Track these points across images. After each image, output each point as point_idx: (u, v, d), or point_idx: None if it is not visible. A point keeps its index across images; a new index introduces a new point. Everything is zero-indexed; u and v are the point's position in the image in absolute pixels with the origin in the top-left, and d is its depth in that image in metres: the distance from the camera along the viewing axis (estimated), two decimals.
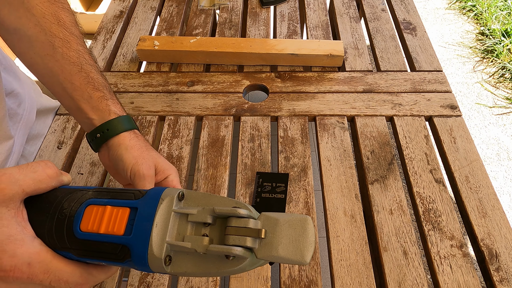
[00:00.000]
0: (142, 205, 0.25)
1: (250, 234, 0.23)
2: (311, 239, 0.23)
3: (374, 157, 0.60)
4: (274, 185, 0.30)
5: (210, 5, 0.87)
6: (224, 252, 0.23)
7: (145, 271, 0.25)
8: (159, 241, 0.23)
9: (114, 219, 0.24)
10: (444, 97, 0.68)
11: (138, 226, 0.24)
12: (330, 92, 0.69)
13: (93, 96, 0.40)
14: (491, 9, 2.05)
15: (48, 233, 0.25)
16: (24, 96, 0.57)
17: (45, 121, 0.65)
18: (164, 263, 0.23)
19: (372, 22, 0.82)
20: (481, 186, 0.56)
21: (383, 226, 0.52)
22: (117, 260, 0.25)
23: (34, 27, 0.39)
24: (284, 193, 0.30)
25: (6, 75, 0.53)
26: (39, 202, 0.26)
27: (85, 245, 0.25)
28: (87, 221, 0.25)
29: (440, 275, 0.48)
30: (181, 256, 0.24)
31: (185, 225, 0.25)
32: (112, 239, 0.24)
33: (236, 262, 0.23)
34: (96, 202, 0.26)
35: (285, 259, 0.23)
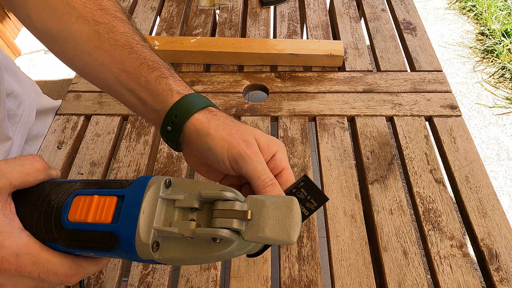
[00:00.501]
0: (129, 193, 0.25)
1: (237, 216, 0.23)
2: (297, 219, 0.24)
3: (374, 157, 0.60)
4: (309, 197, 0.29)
5: (210, 5, 0.87)
6: (210, 234, 0.22)
7: (133, 259, 0.25)
8: (146, 227, 0.23)
9: (102, 208, 0.24)
10: (444, 97, 0.68)
11: (125, 213, 0.24)
12: (330, 92, 0.69)
13: (150, 79, 0.33)
14: (491, 9, 2.05)
15: (36, 225, 0.25)
16: (24, 97, 0.56)
17: (45, 121, 0.65)
18: (151, 249, 0.23)
19: (372, 22, 0.83)
20: (481, 186, 0.56)
21: (383, 226, 0.52)
22: (105, 249, 0.24)
23: (77, 21, 0.34)
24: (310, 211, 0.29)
25: (6, 76, 0.53)
26: (27, 195, 0.26)
27: (73, 235, 0.25)
28: (75, 211, 0.25)
29: (440, 275, 0.48)
30: (169, 242, 0.24)
31: (172, 211, 0.24)
32: (99, 227, 0.24)
33: (223, 245, 0.23)
34: (84, 192, 0.26)
35: (272, 239, 0.23)
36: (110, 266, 0.50)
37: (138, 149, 0.61)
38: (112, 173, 0.59)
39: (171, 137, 0.33)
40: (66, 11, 0.34)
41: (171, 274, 0.50)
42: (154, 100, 0.33)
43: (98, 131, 0.64)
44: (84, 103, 0.68)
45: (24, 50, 2.00)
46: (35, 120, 0.61)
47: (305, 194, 0.29)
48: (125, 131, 0.64)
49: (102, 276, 0.49)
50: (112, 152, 0.62)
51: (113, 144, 0.63)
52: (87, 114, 0.67)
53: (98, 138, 0.63)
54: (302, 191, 0.29)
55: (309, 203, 0.29)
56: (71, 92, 0.70)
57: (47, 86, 1.81)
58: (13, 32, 2.01)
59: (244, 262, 0.50)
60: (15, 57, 1.96)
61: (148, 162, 0.60)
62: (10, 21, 1.99)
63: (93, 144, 0.62)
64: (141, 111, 0.35)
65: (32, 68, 1.91)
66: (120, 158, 0.61)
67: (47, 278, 0.25)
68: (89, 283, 0.48)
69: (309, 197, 0.29)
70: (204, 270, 0.49)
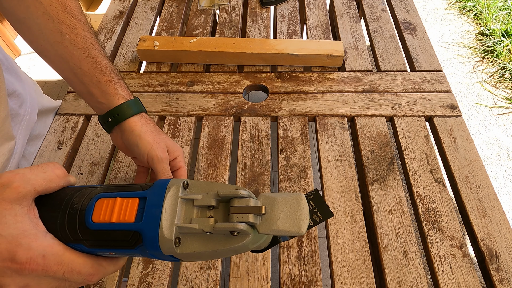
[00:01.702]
0: (150, 194, 0.27)
1: (252, 211, 0.25)
2: (306, 213, 0.26)
3: (374, 157, 0.60)
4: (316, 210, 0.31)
5: (210, 5, 0.87)
6: (229, 228, 0.24)
7: (155, 256, 0.27)
8: (169, 224, 0.25)
9: (125, 209, 0.26)
10: (444, 97, 0.68)
11: (148, 213, 0.26)
12: (330, 92, 0.69)
13: (101, 81, 0.42)
14: (491, 9, 2.05)
15: (60, 227, 0.27)
16: (25, 97, 0.57)
17: (45, 122, 0.65)
18: (174, 244, 0.25)
19: (372, 22, 0.83)
20: (481, 186, 0.56)
21: (383, 226, 0.52)
22: (128, 247, 0.26)
23: (42, 16, 0.40)
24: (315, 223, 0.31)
25: (8, 76, 0.53)
26: (49, 200, 0.28)
27: (98, 235, 0.26)
28: (99, 213, 0.26)
29: (440, 275, 0.48)
30: (189, 238, 0.26)
31: (191, 209, 0.26)
32: (124, 226, 0.26)
33: (240, 238, 0.25)
34: (106, 195, 0.27)
35: (284, 231, 0.26)
36: None
37: None
38: (112, 173, 0.59)
39: (108, 125, 0.44)
40: (33, 4, 0.40)
41: (171, 274, 0.50)
42: (102, 96, 0.43)
43: (98, 131, 0.64)
44: (84, 103, 0.68)
45: (24, 50, 2.00)
46: (36, 120, 0.61)
47: (313, 206, 0.31)
48: None
49: None
50: (112, 152, 0.62)
51: (113, 144, 0.63)
52: (87, 114, 0.67)
53: (98, 138, 0.63)
54: (311, 203, 0.31)
55: (315, 215, 0.30)
56: (71, 92, 0.70)
57: (47, 86, 1.81)
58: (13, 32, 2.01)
59: (244, 262, 0.50)
60: (15, 57, 1.96)
61: None
62: None
63: (93, 144, 0.62)
64: (86, 97, 0.45)
65: (32, 68, 1.91)
66: (120, 158, 0.61)
67: (71, 277, 0.26)
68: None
69: (316, 210, 0.31)
70: (204, 270, 0.49)
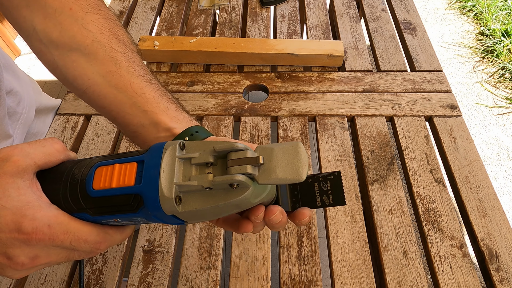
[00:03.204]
0: (147, 157, 0.27)
1: (249, 162, 0.25)
2: (304, 159, 0.25)
3: (374, 157, 0.60)
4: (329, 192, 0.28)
5: (210, 5, 0.87)
6: (228, 181, 0.24)
7: (159, 219, 0.26)
8: (168, 184, 0.25)
9: (124, 174, 0.26)
10: (444, 97, 0.68)
11: (147, 174, 0.26)
12: (330, 92, 0.69)
13: (170, 108, 0.35)
14: (491, 9, 2.05)
15: (63, 198, 0.27)
16: (23, 95, 0.57)
17: (45, 120, 0.65)
18: (175, 202, 0.25)
19: (372, 22, 0.82)
20: (481, 186, 0.56)
21: (383, 226, 0.52)
22: (131, 210, 0.26)
23: (92, 44, 0.35)
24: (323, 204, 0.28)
25: (5, 74, 0.53)
26: (50, 174, 0.28)
27: (100, 201, 0.26)
28: (99, 180, 0.26)
29: (440, 275, 0.48)
30: (190, 196, 0.26)
31: (189, 168, 0.26)
32: (124, 190, 0.26)
33: (240, 191, 0.25)
34: (104, 163, 0.27)
35: (283, 179, 0.25)
36: (110, 266, 0.50)
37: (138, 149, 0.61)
38: None
39: None
40: (81, 32, 0.35)
41: (171, 274, 0.50)
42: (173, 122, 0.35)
43: (98, 131, 0.64)
44: (84, 103, 0.68)
45: (24, 50, 2.00)
46: (35, 118, 0.61)
47: (328, 187, 0.30)
48: None
49: (102, 276, 0.49)
50: (112, 152, 0.62)
51: (113, 144, 0.63)
52: (87, 114, 0.67)
53: (98, 138, 0.63)
54: (328, 183, 0.30)
55: (326, 197, 0.30)
56: (71, 92, 0.70)
57: (47, 86, 1.81)
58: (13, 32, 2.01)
59: (244, 262, 0.50)
60: (15, 57, 1.96)
61: None
62: None
63: (93, 144, 0.62)
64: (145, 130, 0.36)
65: (32, 68, 1.91)
66: None
67: (78, 245, 0.27)
68: (89, 283, 0.48)
69: (329, 192, 0.30)
70: (204, 270, 0.49)
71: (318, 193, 0.30)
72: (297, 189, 0.31)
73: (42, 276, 0.49)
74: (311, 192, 0.30)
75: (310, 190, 0.30)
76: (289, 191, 0.31)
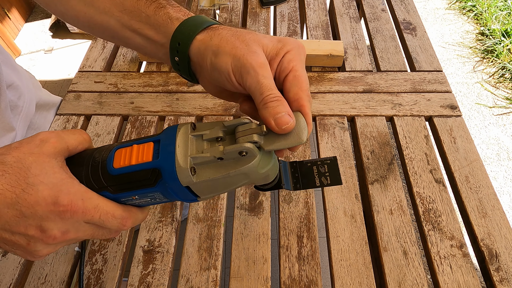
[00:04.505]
0: (163, 137, 0.29)
1: (255, 131, 0.28)
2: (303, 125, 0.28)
3: (374, 157, 0.60)
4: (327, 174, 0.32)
5: (210, 5, 0.87)
6: (238, 148, 0.27)
7: (174, 192, 0.29)
8: (183, 157, 0.28)
9: (142, 152, 0.29)
10: (444, 97, 0.68)
11: (164, 150, 0.28)
12: (330, 92, 0.69)
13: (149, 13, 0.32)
14: (491, 9, 2.05)
15: (86, 179, 0.29)
16: (23, 89, 0.57)
17: (46, 116, 0.65)
18: (190, 172, 0.27)
19: (372, 22, 0.82)
20: (481, 186, 0.56)
21: (383, 226, 0.52)
22: (149, 185, 0.28)
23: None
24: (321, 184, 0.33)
25: (5, 68, 0.54)
26: (73, 160, 0.31)
27: (120, 178, 0.29)
28: (119, 160, 0.29)
29: (440, 275, 0.48)
30: (203, 167, 0.28)
31: (201, 143, 0.29)
32: (143, 166, 0.28)
33: (249, 158, 0.27)
34: (123, 146, 0.30)
35: (287, 143, 0.28)
36: (110, 266, 0.50)
37: None
38: None
39: (182, 69, 0.32)
40: None
41: (171, 274, 0.50)
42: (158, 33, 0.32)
43: (98, 131, 0.64)
44: (84, 103, 0.68)
45: (24, 50, 2.00)
46: (36, 113, 0.62)
47: (325, 170, 0.33)
48: (125, 131, 0.64)
49: (102, 276, 0.49)
50: None
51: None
52: (87, 114, 0.67)
53: (98, 138, 0.63)
54: (325, 167, 0.33)
55: (325, 178, 0.33)
56: (71, 92, 0.70)
57: (47, 86, 1.81)
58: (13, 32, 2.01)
59: (244, 262, 0.50)
60: (15, 57, 1.96)
61: None
62: (10, 21, 1.99)
63: (93, 144, 0.62)
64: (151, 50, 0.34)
65: (32, 68, 1.91)
66: None
67: (106, 220, 0.28)
68: (89, 283, 0.48)
69: (327, 174, 0.33)
70: (204, 270, 0.49)
71: (317, 175, 0.33)
72: (298, 171, 0.34)
73: (42, 276, 0.49)
74: (311, 174, 0.33)
75: (310, 173, 0.33)
76: (291, 173, 0.33)
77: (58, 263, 0.50)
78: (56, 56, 1.98)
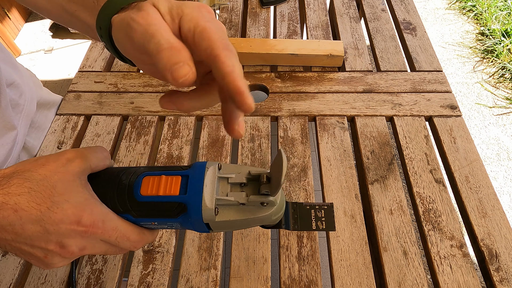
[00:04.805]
0: (191, 173, 0.31)
1: None
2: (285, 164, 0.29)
3: (374, 157, 0.60)
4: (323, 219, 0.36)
5: (210, 5, 0.87)
6: (261, 200, 0.29)
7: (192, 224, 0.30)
8: (210, 197, 0.29)
9: (170, 184, 0.30)
10: (444, 97, 0.68)
11: (192, 187, 0.30)
12: (330, 92, 0.69)
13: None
14: (491, 9, 2.05)
15: (111, 200, 0.30)
16: (24, 87, 0.58)
17: (47, 115, 0.65)
18: (214, 212, 0.29)
19: (372, 22, 0.83)
20: (481, 186, 0.56)
21: (383, 226, 0.52)
22: (172, 216, 0.30)
23: None
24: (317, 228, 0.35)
25: (5, 66, 0.54)
26: (97, 178, 0.32)
27: (146, 206, 0.30)
28: (146, 187, 0.30)
29: (440, 275, 0.48)
30: (225, 209, 0.30)
31: (226, 186, 0.31)
32: (170, 198, 0.30)
33: (268, 208, 0.30)
34: (151, 173, 0.31)
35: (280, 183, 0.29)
36: (110, 266, 0.50)
37: (138, 149, 0.61)
38: None
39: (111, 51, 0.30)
40: None
41: (171, 274, 0.50)
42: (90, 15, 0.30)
43: (98, 131, 0.64)
44: (84, 103, 0.68)
45: (24, 50, 2.00)
46: (37, 112, 0.62)
47: (322, 215, 0.35)
48: (125, 131, 0.64)
49: (102, 276, 0.49)
50: (112, 152, 0.62)
51: (113, 144, 0.63)
52: (87, 114, 0.67)
53: (98, 138, 0.63)
54: (322, 212, 0.35)
55: (320, 222, 0.35)
56: (71, 92, 0.70)
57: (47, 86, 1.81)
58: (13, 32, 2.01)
59: (244, 262, 0.50)
60: (15, 57, 1.96)
61: (148, 162, 0.60)
62: (10, 21, 1.99)
63: (93, 144, 0.62)
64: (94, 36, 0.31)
65: (32, 68, 1.91)
66: (120, 158, 0.61)
67: (121, 241, 0.29)
68: (89, 283, 0.48)
69: (323, 219, 0.35)
70: (204, 270, 0.49)
71: (314, 218, 0.35)
72: (297, 213, 0.36)
73: (42, 276, 0.49)
74: (308, 217, 0.35)
75: (308, 215, 0.35)
76: (291, 214, 0.36)
77: None
78: (56, 56, 1.98)
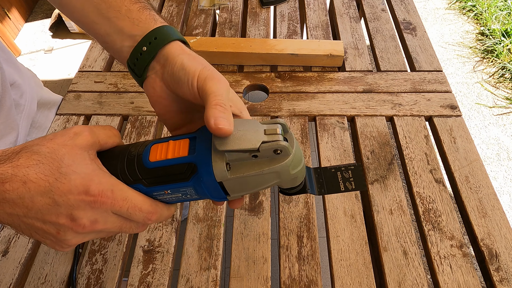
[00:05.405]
0: (199, 134, 0.30)
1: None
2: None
3: (374, 157, 0.60)
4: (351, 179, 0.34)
5: (210, 5, 0.87)
6: (273, 146, 0.28)
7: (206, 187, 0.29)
8: (219, 152, 0.28)
9: (178, 148, 0.30)
10: (444, 97, 0.68)
11: (200, 146, 0.29)
12: (330, 92, 0.69)
13: (132, 9, 0.35)
14: (491, 9, 2.05)
15: (121, 171, 0.30)
16: (25, 88, 0.58)
17: (48, 115, 0.65)
18: (225, 167, 0.28)
19: (372, 22, 0.83)
20: (481, 186, 0.56)
21: (383, 226, 0.52)
22: (183, 179, 0.29)
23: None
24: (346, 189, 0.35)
25: (7, 67, 0.54)
26: (107, 154, 0.31)
27: (156, 172, 0.29)
28: (155, 154, 0.30)
29: (440, 275, 0.48)
30: (238, 164, 0.29)
31: None
32: (179, 160, 0.29)
33: (282, 157, 0.28)
34: (159, 141, 0.31)
35: None
36: (110, 266, 0.50)
37: None
38: None
39: (142, 60, 0.34)
40: None
41: (171, 274, 0.50)
42: (134, 26, 0.34)
43: None
44: (84, 103, 0.68)
45: (24, 50, 2.00)
46: (37, 112, 0.63)
47: (350, 176, 0.34)
48: (125, 131, 0.64)
49: (102, 276, 0.49)
50: None
51: None
52: (87, 114, 0.67)
53: None
54: (349, 172, 0.34)
55: (349, 183, 0.34)
56: (71, 92, 0.70)
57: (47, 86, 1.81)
58: (13, 32, 2.01)
59: (244, 262, 0.50)
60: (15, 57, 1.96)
61: None
62: (10, 21, 1.99)
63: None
64: (112, 39, 0.35)
65: (32, 68, 1.91)
66: None
67: (133, 213, 0.29)
68: (89, 283, 0.48)
69: (351, 179, 0.34)
70: (204, 270, 0.49)
71: (341, 180, 0.34)
72: (322, 177, 0.35)
73: (42, 276, 0.49)
74: (335, 179, 0.34)
75: (334, 178, 0.34)
76: (315, 179, 0.35)
77: (58, 263, 0.50)
78: (56, 56, 1.98)
